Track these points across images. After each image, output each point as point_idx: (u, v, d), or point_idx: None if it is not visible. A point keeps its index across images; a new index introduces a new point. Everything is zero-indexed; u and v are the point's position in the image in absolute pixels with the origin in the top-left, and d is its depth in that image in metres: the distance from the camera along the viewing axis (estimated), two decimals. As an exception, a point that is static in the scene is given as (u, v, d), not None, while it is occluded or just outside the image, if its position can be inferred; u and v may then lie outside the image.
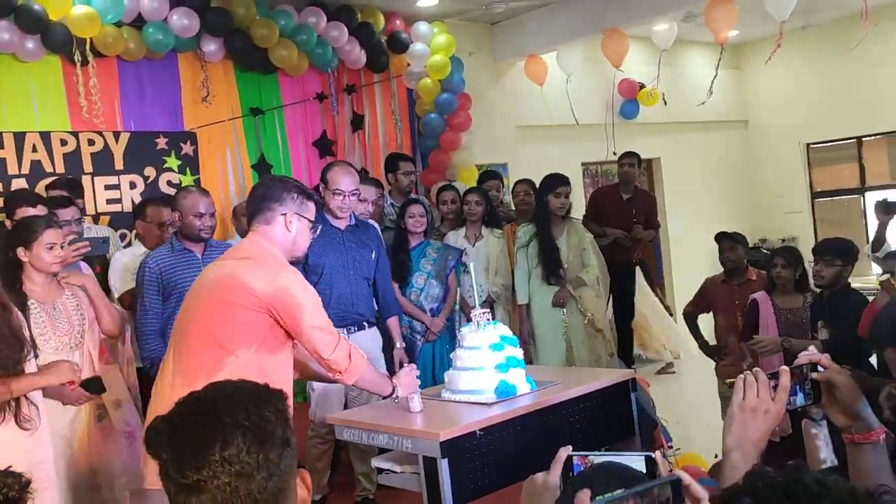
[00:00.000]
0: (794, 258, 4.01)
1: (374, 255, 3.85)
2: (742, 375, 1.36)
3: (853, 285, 6.81)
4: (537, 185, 5.02)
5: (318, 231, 2.65)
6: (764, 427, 1.31)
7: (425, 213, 4.62)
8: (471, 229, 4.94)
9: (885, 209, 5.38)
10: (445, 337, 4.58)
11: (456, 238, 4.85)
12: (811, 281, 3.89)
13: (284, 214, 2.46)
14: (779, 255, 4.16)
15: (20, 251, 3.03)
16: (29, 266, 3.05)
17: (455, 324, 4.71)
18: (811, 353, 1.43)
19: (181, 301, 3.24)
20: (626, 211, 5.94)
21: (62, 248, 3.10)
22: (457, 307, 4.69)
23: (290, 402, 1.99)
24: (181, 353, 2.42)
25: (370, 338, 3.73)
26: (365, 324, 3.74)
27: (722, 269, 4.65)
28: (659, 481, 1.12)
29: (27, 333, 2.60)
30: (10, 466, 1.92)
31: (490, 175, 5.66)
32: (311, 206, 2.55)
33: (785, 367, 1.36)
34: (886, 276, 3.81)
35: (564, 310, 4.71)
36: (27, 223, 3.12)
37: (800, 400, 1.38)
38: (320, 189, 3.77)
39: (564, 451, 1.27)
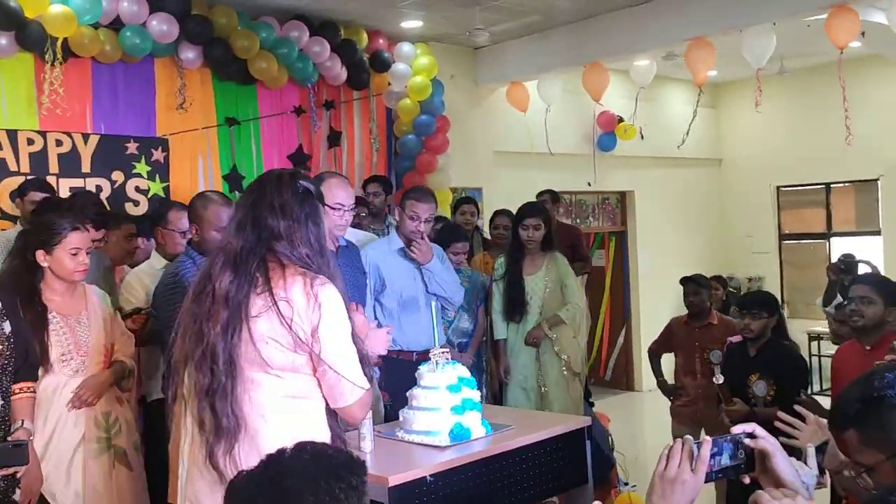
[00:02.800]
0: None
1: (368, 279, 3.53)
2: (668, 444, 1.40)
3: (811, 329, 6.99)
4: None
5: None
6: (683, 498, 1.34)
7: (468, 251, 4.40)
8: None
9: (838, 269, 5.59)
10: (473, 374, 4.28)
11: None
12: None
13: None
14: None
15: (40, 254, 2.68)
16: (49, 272, 2.70)
17: (482, 360, 4.48)
18: (745, 425, 1.47)
19: None
20: None
21: (88, 254, 2.77)
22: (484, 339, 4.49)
23: None
24: None
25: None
26: None
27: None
28: None
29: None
30: None
31: (465, 200, 5.64)
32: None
33: (708, 438, 1.39)
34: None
35: (538, 350, 4.40)
36: (50, 223, 2.75)
37: (725, 460, 1.42)
38: None
39: None
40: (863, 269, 6.66)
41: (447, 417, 2.63)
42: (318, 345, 1.87)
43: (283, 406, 1.90)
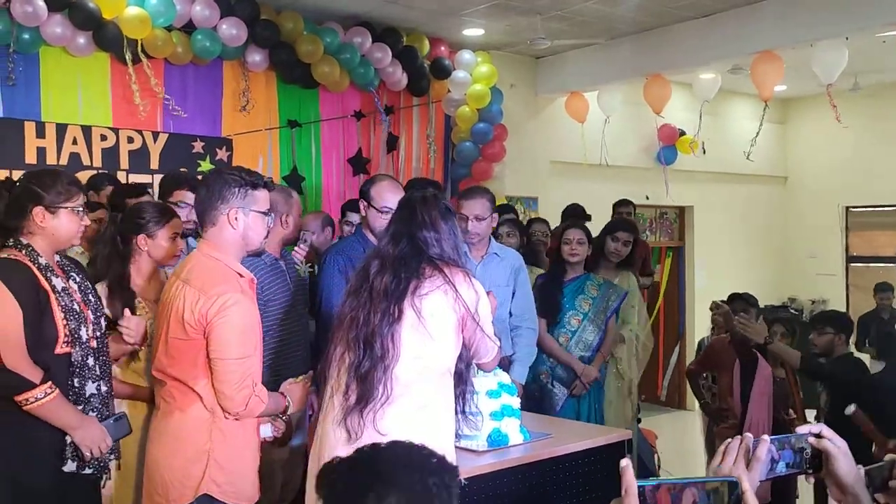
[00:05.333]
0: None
1: None
2: (727, 441, 1.36)
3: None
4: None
5: (272, 220, 2.56)
6: None
7: (586, 241, 4.05)
8: None
9: None
10: (594, 391, 4.00)
11: None
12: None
13: (226, 213, 2.38)
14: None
15: (140, 239, 2.72)
16: (141, 258, 2.74)
17: (604, 375, 4.11)
18: (813, 425, 1.43)
19: (275, 319, 3.09)
20: None
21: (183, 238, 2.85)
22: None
23: None
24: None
25: None
26: None
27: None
28: (717, 478, 1.20)
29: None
30: None
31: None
32: (259, 195, 2.43)
33: (765, 437, 1.35)
34: None
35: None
36: (149, 208, 2.82)
37: (780, 468, 1.37)
38: (361, 206, 3.32)
39: (629, 476, 1.21)
40: None
41: (486, 423, 2.64)
42: (478, 318, 2.28)
43: (422, 379, 2.24)
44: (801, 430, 1.41)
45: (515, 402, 2.74)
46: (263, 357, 3.03)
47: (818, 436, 1.39)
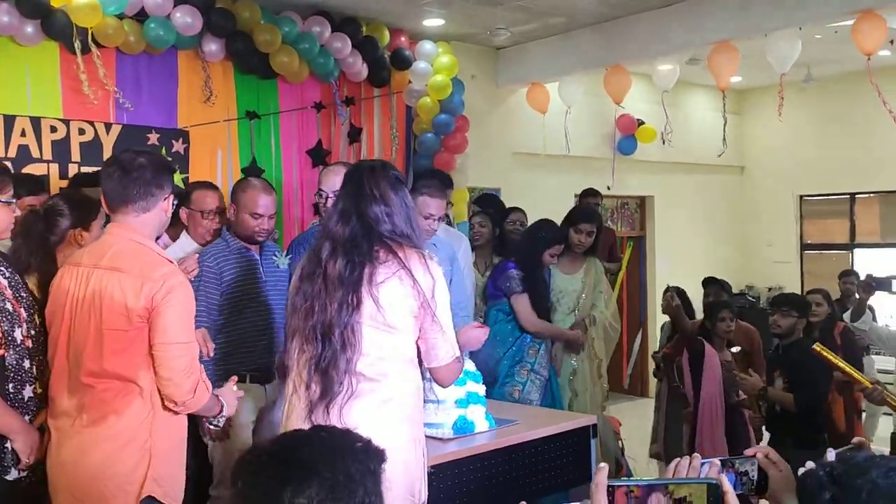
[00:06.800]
0: (735, 314, 4.44)
1: None
2: (676, 460, 1.39)
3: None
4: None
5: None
6: None
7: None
8: (480, 256, 4.64)
9: (867, 288, 5.63)
10: (552, 377, 4.17)
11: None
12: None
13: (163, 200, 2.29)
14: (728, 308, 4.49)
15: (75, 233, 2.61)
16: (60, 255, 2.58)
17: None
18: (761, 448, 1.48)
19: (237, 306, 3.06)
20: None
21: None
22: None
23: None
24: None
25: None
26: None
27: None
28: (695, 480, 1.22)
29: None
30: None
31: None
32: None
33: (715, 460, 1.39)
34: None
35: (576, 354, 4.29)
36: (85, 201, 2.70)
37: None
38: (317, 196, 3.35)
39: (602, 476, 1.23)
40: None
41: (451, 410, 2.63)
42: (433, 307, 2.14)
43: (386, 371, 2.13)
44: (748, 452, 1.46)
45: (481, 389, 2.73)
46: (217, 348, 2.99)
47: (766, 456, 1.44)
